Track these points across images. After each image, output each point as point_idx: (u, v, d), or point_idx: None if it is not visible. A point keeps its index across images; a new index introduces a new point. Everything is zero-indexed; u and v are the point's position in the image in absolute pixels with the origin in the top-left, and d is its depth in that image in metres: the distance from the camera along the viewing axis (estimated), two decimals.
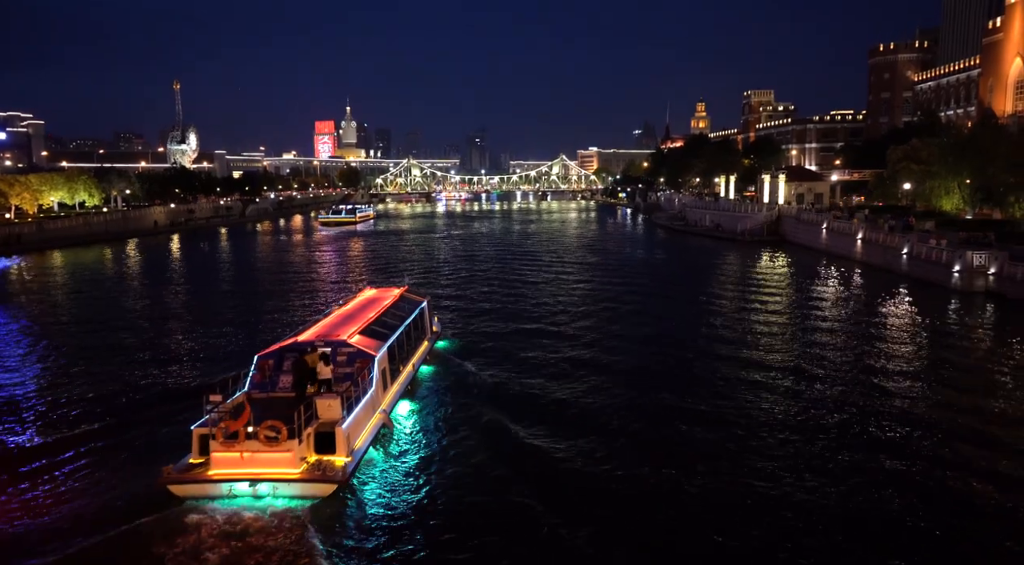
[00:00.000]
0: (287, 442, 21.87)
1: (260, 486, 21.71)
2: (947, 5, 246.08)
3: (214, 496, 21.72)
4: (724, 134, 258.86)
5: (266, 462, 21.86)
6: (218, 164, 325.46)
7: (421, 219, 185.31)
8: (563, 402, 31.51)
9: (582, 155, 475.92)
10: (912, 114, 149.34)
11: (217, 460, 22.00)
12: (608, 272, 77.38)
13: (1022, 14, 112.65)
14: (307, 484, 21.86)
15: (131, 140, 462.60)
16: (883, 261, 72.37)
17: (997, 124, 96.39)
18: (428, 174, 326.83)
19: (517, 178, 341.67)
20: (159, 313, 56.22)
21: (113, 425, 28.77)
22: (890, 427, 29.00)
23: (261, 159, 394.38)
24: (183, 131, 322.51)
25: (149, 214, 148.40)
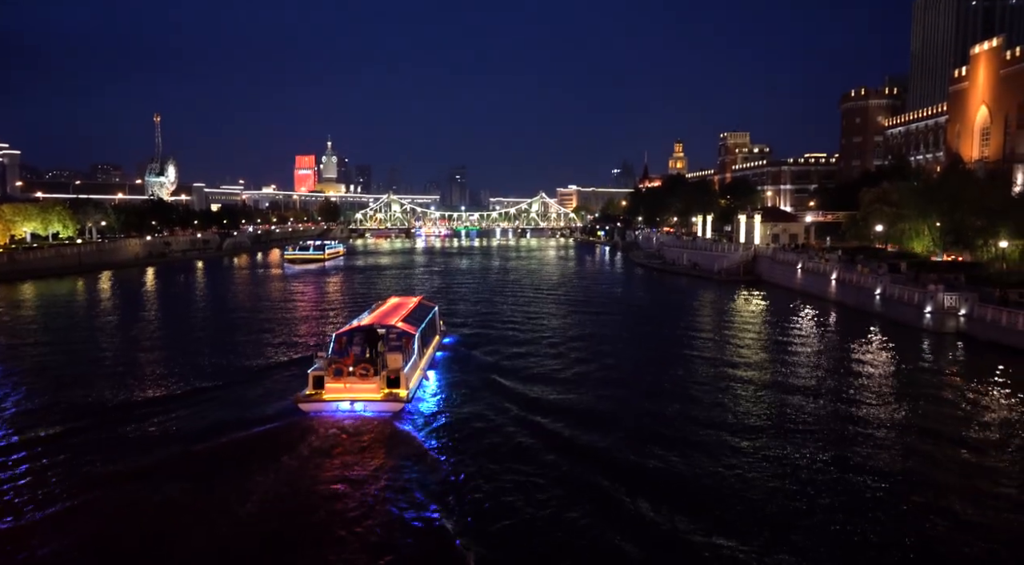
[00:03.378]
0: (373, 378, 35.77)
1: (357, 404, 35.48)
2: (915, 54, 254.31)
3: (328, 410, 35.30)
4: (701, 174, 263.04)
5: (360, 390, 35.54)
6: (196, 197, 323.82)
7: (399, 255, 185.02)
8: (538, 373, 46.70)
9: (561, 193, 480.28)
10: (883, 158, 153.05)
11: (329, 388, 35.59)
12: (587, 309, 77.62)
13: (986, 64, 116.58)
14: (385, 403, 35.61)
15: (109, 171, 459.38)
16: (857, 301, 73.30)
17: (965, 169, 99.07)
18: (408, 210, 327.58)
19: (497, 215, 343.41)
20: (116, 344, 55.72)
21: (242, 381, 44.07)
22: (866, 471, 29.03)
23: (240, 192, 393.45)
24: (162, 163, 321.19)
25: (124, 246, 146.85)
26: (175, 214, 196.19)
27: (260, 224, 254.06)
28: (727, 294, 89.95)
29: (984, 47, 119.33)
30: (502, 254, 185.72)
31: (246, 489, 26.87)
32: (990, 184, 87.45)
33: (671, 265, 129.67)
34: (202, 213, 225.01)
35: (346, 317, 67.05)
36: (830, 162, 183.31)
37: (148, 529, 24.37)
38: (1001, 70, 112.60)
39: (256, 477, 27.91)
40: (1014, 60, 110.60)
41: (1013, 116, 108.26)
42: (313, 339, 57.74)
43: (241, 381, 43.74)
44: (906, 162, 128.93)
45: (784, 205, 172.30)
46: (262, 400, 38.96)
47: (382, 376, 36.00)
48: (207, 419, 35.69)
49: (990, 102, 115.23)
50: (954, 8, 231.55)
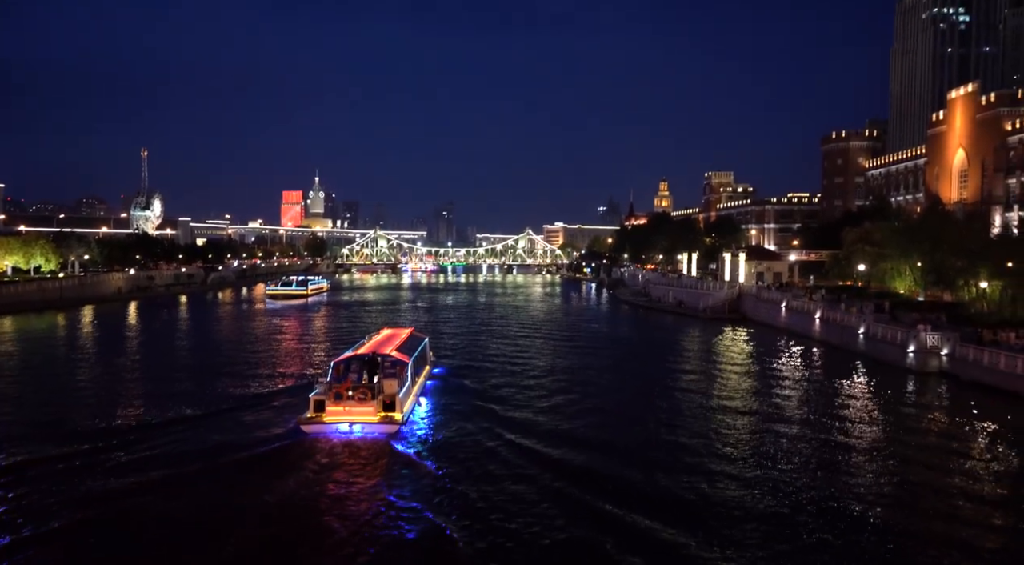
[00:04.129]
0: (370, 402, 38.39)
1: (355, 426, 38.12)
2: (894, 98, 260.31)
3: (329, 431, 37.92)
4: (686, 213, 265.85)
5: (358, 413, 38.20)
6: (181, 231, 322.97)
7: (386, 290, 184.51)
8: (524, 401, 49.72)
9: (548, 230, 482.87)
10: (864, 198, 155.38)
11: (330, 411, 38.19)
12: (572, 344, 77.69)
13: (963, 109, 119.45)
14: (381, 425, 38.25)
15: (94, 205, 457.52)
16: (841, 340, 73.69)
17: (944, 211, 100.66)
18: (395, 245, 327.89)
19: (484, 251, 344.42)
20: (101, 377, 54.98)
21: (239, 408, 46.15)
22: (851, 510, 28.88)
23: (226, 227, 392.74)
24: (148, 197, 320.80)
25: (107, 280, 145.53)
26: (160, 248, 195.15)
27: (245, 259, 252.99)
28: (713, 331, 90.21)
29: (960, 92, 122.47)
30: (488, 290, 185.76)
31: (254, 503, 29.11)
32: (969, 226, 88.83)
33: (657, 302, 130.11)
34: (187, 247, 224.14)
35: (331, 350, 68.96)
36: (812, 202, 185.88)
37: (157, 542, 26.05)
38: (977, 115, 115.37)
39: (263, 492, 30.28)
40: (989, 105, 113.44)
41: (990, 160, 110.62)
42: (298, 370, 59.07)
43: (238, 408, 45.72)
44: (887, 203, 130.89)
45: (768, 244, 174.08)
46: (263, 424, 41.42)
47: (379, 400, 38.74)
48: (211, 441, 38.02)
49: (967, 146, 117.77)
50: (930, 55, 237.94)
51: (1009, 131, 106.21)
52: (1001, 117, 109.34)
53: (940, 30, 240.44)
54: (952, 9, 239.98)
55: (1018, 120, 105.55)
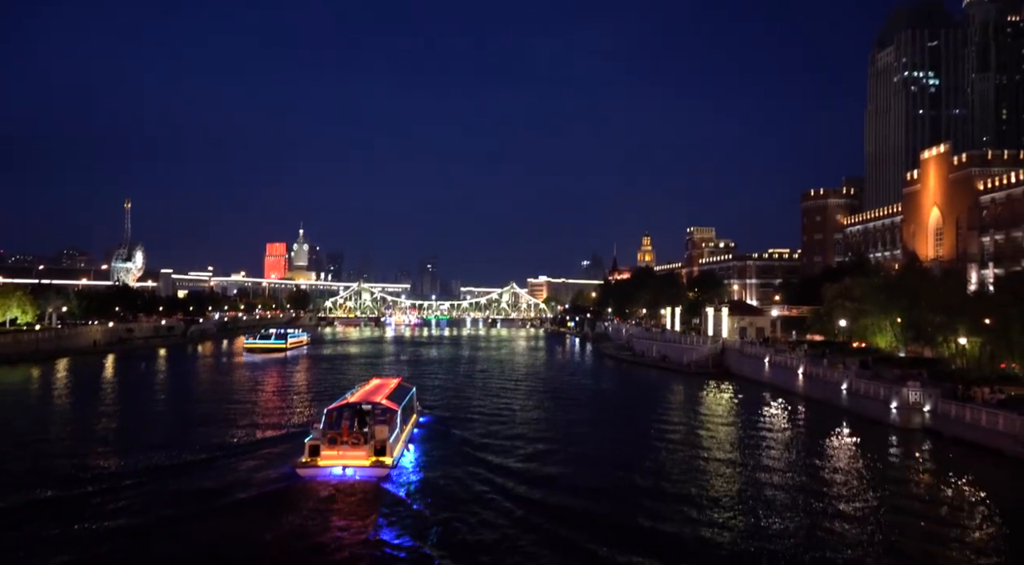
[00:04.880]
0: (362, 447, 40.76)
1: (348, 469, 40.08)
2: (869, 157, 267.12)
3: (323, 474, 39.86)
4: (669, 267, 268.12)
5: (351, 457, 40.34)
6: (163, 283, 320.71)
7: (368, 344, 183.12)
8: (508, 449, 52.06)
9: (532, 284, 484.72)
10: (843, 254, 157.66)
11: (324, 455, 40.22)
12: (556, 398, 77.48)
13: (936, 168, 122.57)
14: (373, 469, 40.30)
15: (75, 257, 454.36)
16: (824, 395, 73.73)
17: (921, 267, 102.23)
18: (378, 298, 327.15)
19: (467, 305, 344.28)
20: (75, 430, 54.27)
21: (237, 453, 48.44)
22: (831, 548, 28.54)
23: (208, 279, 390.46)
24: (130, 249, 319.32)
25: (84, 332, 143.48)
26: (140, 300, 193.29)
27: (227, 311, 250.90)
28: (697, 386, 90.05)
29: (933, 153, 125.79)
30: (472, 344, 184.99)
31: (255, 541, 31.10)
32: (946, 282, 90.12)
33: (641, 357, 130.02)
34: (168, 299, 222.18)
35: (311, 402, 70.56)
36: (793, 258, 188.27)
37: None
38: (950, 175, 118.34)
39: (263, 531, 32.26)
40: (960, 166, 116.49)
41: (964, 218, 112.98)
42: (281, 421, 60.39)
43: (228, 455, 47.46)
44: (866, 259, 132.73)
45: (750, 299, 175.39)
46: (257, 469, 43.51)
47: (370, 445, 40.94)
48: (207, 485, 39.78)
49: (941, 204, 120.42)
50: (903, 116, 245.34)
51: (981, 191, 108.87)
52: (973, 177, 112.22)
53: (911, 93, 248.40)
54: (922, 73, 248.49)
55: (989, 180, 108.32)
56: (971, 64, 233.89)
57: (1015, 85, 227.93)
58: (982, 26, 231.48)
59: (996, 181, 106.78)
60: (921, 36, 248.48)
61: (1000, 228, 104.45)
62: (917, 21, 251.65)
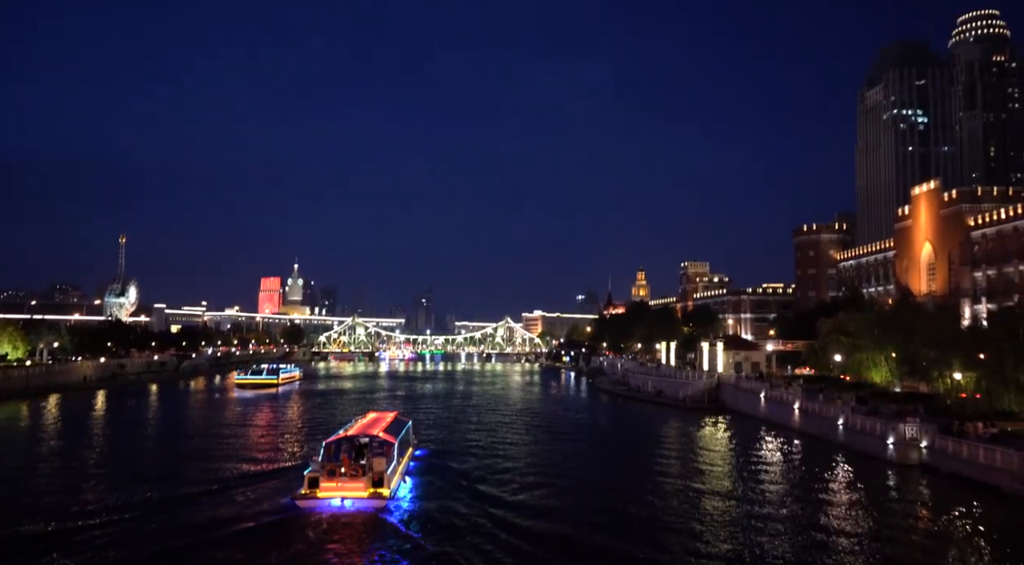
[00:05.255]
0: (360, 479, 41.60)
1: (346, 501, 40.99)
2: (860, 193, 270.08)
3: (323, 505, 40.84)
4: (664, 302, 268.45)
5: (350, 488, 41.24)
6: (156, 318, 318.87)
7: (362, 379, 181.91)
8: (503, 481, 52.81)
9: (527, 318, 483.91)
10: (837, 289, 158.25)
11: (323, 487, 41.15)
12: (551, 433, 77.10)
13: (927, 204, 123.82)
14: (371, 500, 41.29)
15: (68, 292, 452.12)
16: (820, 431, 73.32)
17: (915, 302, 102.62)
18: (372, 333, 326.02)
19: (462, 339, 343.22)
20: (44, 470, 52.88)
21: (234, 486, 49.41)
22: None
23: (201, 314, 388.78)
24: (123, 284, 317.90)
25: (75, 368, 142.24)
26: (132, 335, 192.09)
27: (220, 346, 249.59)
28: (693, 421, 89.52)
29: (923, 189, 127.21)
30: (467, 379, 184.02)
31: None
32: (940, 317, 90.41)
33: (636, 392, 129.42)
34: (161, 334, 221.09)
35: (305, 438, 71.04)
36: (787, 292, 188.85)
37: None
38: (940, 211, 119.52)
39: (264, 560, 33.57)
40: (951, 201, 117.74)
41: (956, 253, 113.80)
42: (274, 456, 61.20)
43: (225, 488, 48.32)
44: (859, 294, 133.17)
45: (745, 333, 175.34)
46: (256, 501, 44.83)
47: (368, 477, 41.80)
48: (206, 516, 40.87)
49: (933, 239, 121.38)
50: (892, 153, 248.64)
51: (972, 226, 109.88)
52: (963, 213, 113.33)
53: (900, 130, 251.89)
54: (910, 111, 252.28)
55: (980, 216, 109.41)
56: (958, 102, 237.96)
57: (1002, 123, 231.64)
58: (968, 66, 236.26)
59: (986, 217, 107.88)
60: (909, 75, 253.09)
61: (992, 263, 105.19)
62: (904, 61, 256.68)
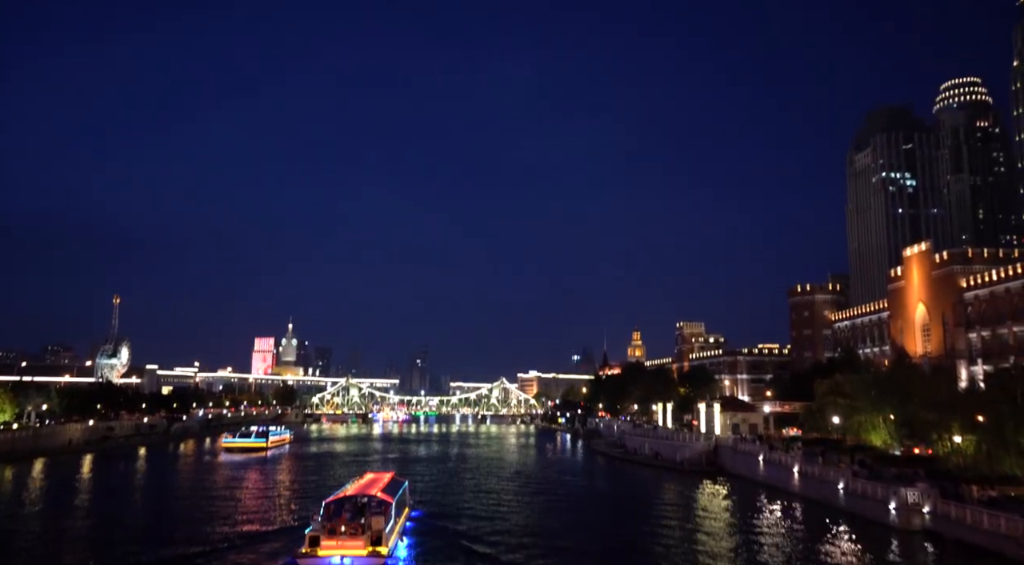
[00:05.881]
0: (360, 537, 43.18)
1: (346, 559, 42.38)
2: (853, 254, 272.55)
3: (323, 564, 42.35)
4: (660, 363, 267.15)
5: (349, 547, 42.77)
6: (147, 379, 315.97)
7: (355, 442, 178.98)
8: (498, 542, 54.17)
9: (522, 378, 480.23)
10: (833, 350, 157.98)
11: (324, 545, 42.59)
12: (547, 497, 75.72)
13: (919, 265, 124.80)
14: (370, 558, 42.60)
15: (59, 353, 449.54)
16: (821, 495, 72.04)
17: (911, 364, 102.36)
18: (366, 394, 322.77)
19: (457, 400, 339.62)
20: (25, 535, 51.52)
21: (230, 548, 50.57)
22: None
23: (193, 375, 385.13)
24: (115, 345, 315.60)
25: (63, 431, 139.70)
26: (123, 397, 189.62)
27: (212, 408, 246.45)
28: (691, 485, 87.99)
29: (915, 250, 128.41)
30: (461, 441, 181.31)
31: None
32: (936, 379, 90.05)
33: (633, 454, 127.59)
34: (151, 396, 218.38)
35: (296, 504, 70.76)
36: (783, 353, 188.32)
37: None
38: (933, 272, 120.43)
39: None
40: (943, 263, 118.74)
41: (949, 314, 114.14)
42: (267, 518, 60.88)
43: (221, 550, 49.25)
44: (855, 355, 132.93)
45: (741, 394, 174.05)
46: (259, 561, 46.05)
47: (367, 536, 43.25)
48: None
49: (926, 300, 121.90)
50: (883, 215, 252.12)
51: (964, 288, 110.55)
52: (955, 274, 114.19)
53: (890, 192, 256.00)
54: (898, 174, 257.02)
55: (972, 277, 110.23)
56: (945, 166, 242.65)
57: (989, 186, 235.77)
58: (952, 131, 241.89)
59: (978, 278, 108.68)
60: (896, 139, 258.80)
61: (986, 325, 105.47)
62: (891, 125, 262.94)
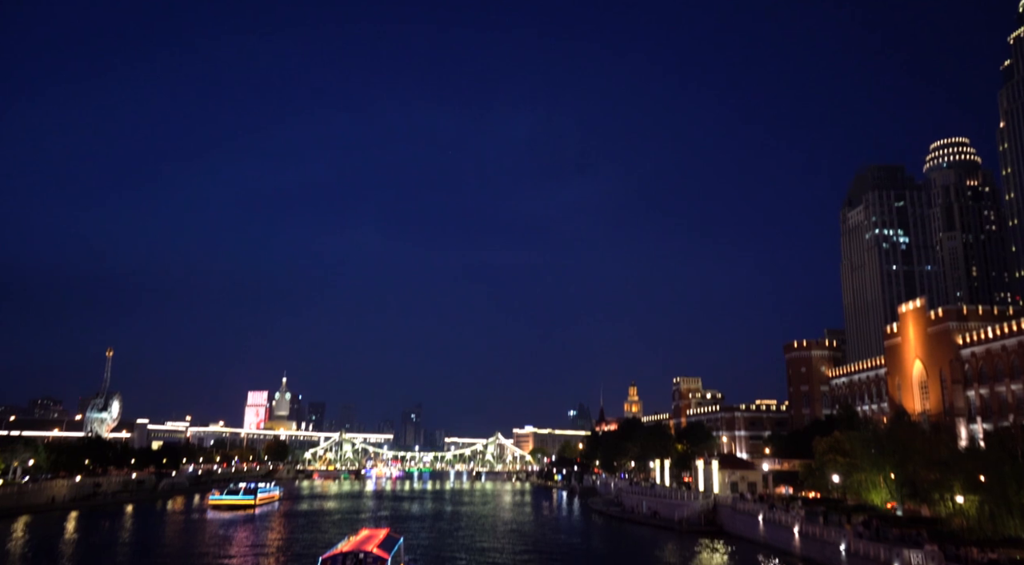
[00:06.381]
0: None
1: None
2: (848, 310, 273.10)
3: None
4: (657, 418, 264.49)
5: None
6: (137, 434, 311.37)
7: (347, 499, 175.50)
8: None
9: (518, 434, 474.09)
10: (831, 407, 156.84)
11: None
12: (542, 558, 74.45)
13: (914, 322, 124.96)
14: None
15: (49, 406, 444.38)
16: (823, 557, 70.48)
17: (910, 421, 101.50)
18: (359, 450, 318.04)
19: (451, 456, 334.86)
20: None
21: None
22: None
23: (185, 430, 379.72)
24: (106, 398, 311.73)
25: (49, 487, 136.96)
26: (111, 452, 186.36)
27: (203, 463, 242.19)
28: (689, 546, 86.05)
29: (910, 307, 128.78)
30: (456, 498, 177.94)
31: None
32: (937, 437, 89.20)
33: (630, 513, 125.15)
34: (141, 451, 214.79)
35: None
36: (780, 409, 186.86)
37: None
38: (928, 328, 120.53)
39: None
40: (938, 320, 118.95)
41: (947, 371, 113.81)
42: None
43: None
44: (854, 412, 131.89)
45: (739, 451, 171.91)
46: None
47: None
48: None
49: (923, 357, 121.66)
50: (877, 271, 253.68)
51: (961, 345, 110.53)
52: (951, 331, 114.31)
53: (883, 249, 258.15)
54: (891, 231, 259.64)
55: (968, 334, 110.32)
56: (937, 223, 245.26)
57: (981, 244, 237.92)
58: (943, 189, 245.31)
59: (974, 336, 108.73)
60: (887, 197, 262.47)
61: (984, 383, 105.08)
62: (882, 183, 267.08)
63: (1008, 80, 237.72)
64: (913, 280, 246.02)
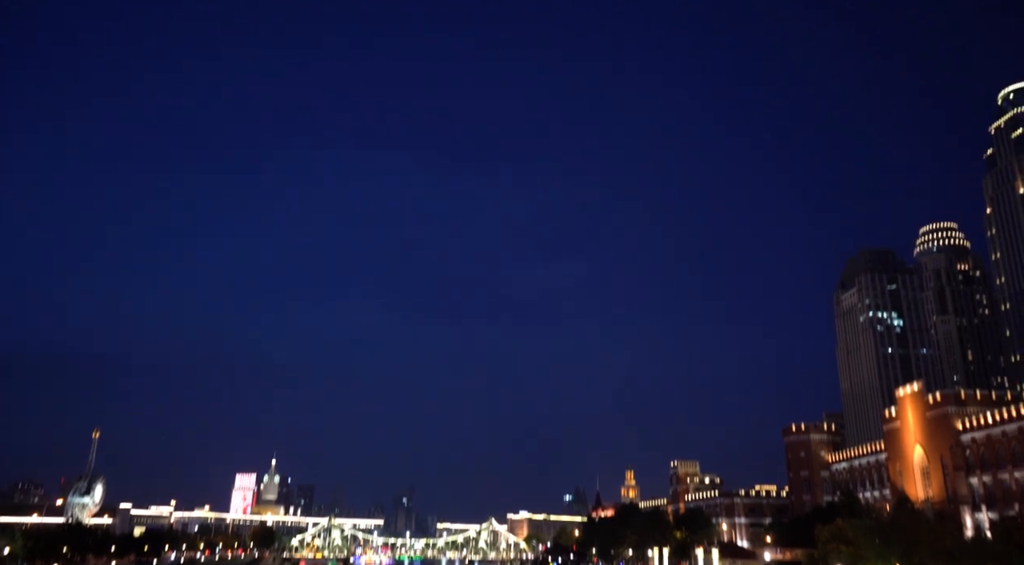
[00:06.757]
0: None
1: None
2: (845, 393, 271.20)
3: None
4: (654, 503, 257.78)
5: None
6: (119, 519, 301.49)
7: None
8: None
9: (512, 520, 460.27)
10: (831, 493, 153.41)
11: None
12: None
13: (912, 406, 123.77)
14: None
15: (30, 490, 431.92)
16: None
17: (913, 509, 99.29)
18: (348, 536, 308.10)
19: (443, 543, 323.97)
20: None
21: None
22: None
23: (169, 515, 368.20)
24: (90, 482, 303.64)
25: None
26: (91, 539, 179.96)
27: (186, 551, 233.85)
28: None
29: (908, 391, 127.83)
30: None
31: None
32: (941, 526, 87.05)
33: None
34: (122, 538, 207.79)
35: None
36: (781, 495, 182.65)
37: None
38: (927, 413, 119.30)
39: None
40: (936, 404, 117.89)
41: (948, 457, 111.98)
42: None
43: None
44: (855, 498, 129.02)
45: (739, 539, 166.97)
46: None
47: None
48: None
49: (923, 442, 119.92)
50: (873, 355, 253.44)
51: (960, 430, 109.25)
52: (950, 416, 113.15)
53: (878, 332, 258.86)
54: (885, 313, 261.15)
55: (967, 419, 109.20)
56: (930, 307, 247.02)
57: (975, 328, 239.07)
58: (935, 273, 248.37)
59: (974, 421, 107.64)
60: (880, 280, 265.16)
61: (986, 469, 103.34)
62: (874, 266, 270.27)
63: (992, 168, 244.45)
64: (909, 363, 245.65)
